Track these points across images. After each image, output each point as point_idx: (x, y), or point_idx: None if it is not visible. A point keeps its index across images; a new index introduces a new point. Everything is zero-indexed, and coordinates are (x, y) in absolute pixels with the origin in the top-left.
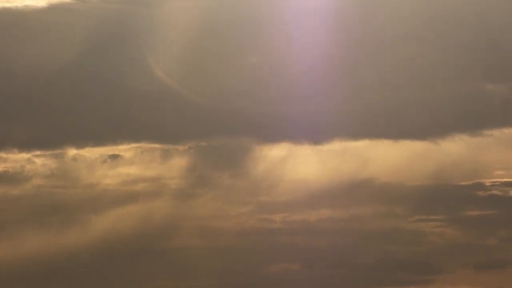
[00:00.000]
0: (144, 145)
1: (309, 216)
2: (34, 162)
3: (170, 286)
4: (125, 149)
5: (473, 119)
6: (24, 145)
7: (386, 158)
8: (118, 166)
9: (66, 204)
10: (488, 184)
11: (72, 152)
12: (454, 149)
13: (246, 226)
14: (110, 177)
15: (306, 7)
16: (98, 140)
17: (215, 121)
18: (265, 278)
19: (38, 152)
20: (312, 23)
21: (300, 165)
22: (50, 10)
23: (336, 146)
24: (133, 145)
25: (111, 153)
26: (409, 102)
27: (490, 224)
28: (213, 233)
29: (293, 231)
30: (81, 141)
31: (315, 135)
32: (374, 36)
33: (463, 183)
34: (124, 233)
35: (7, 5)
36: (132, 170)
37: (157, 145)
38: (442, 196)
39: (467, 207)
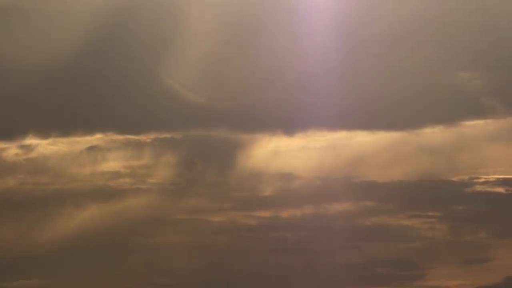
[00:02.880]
0: (112, 136)
1: (294, 213)
2: (7, 153)
3: (149, 282)
4: (93, 140)
5: (452, 110)
6: None
7: (368, 152)
8: (93, 159)
9: (43, 198)
10: (473, 180)
11: (37, 143)
12: (436, 142)
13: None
14: (84, 170)
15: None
16: (63, 131)
17: (187, 113)
18: (247, 275)
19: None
20: (298, 20)
21: (278, 158)
22: None
23: (313, 137)
24: (98, 135)
25: (80, 144)
26: (387, 93)
27: (478, 220)
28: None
29: (272, 227)
30: (45, 132)
31: (292, 126)
32: (353, 33)
33: (449, 179)
34: (102, 228)
35: None
36: (109, 164)
37: (121, 137)
38: (429, 192)
39: (454, 204)
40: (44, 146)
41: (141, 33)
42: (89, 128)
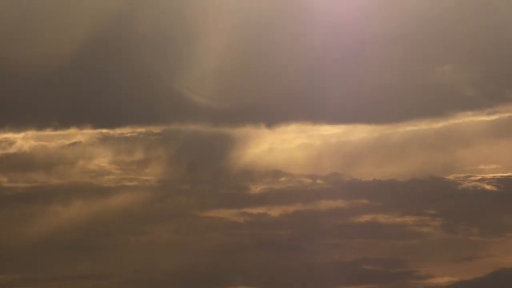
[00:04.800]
0: (88, 130)
1: (285, 210)
2: None
3: (135, 280)
4: (70, 135)
5: (449, 107)
6: None
7: (361, 149)
8: (75, 154)
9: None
10: (467, 178)
11: (14, 137)
12: (430, 140)
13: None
14: (66, 167)
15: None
16: (38, 125)
17: (165, 107)
18: (236, 272)
19: None
20: (296, 20)
21: (269, 155)
22: None
23: (305, 134)
24: (74, 130)
25: (58, 139)
26: (384, 90)
27: (470, 219)
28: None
29: (261, 225)
30: (20, 126)
31: (285, 123)
32: (351, 32)
33: (442, 177)
34: (86, 226)
35: None
36: (92, 160)
37: (92, 131)
38: (422, 190)
39: (447, 202)
40: (21, 142)
41: (133, 29)
42: (64, 122)
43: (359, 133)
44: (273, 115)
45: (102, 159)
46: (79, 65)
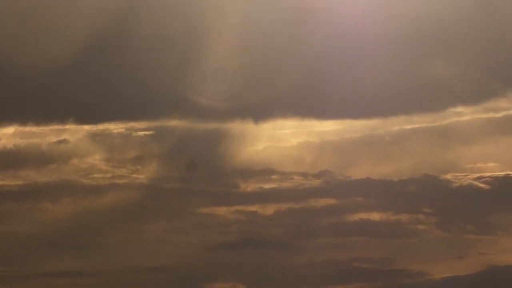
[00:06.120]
0: (72, 126)
1: (278, 208)
2: None
3: (126, 276)
4: (55, 131)
5: (446, 105)
6: None
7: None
8: (65, 150)
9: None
10: (461, 177)
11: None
12: (425, 139)
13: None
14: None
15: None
16: (22, 121)
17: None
18: (228, 270)
19: None
20: (294, 20)
21: (263, 153)
22: None
23: (299, 131)
24: (56, 126)
25: (43, 135)
26: (381, 87)
27: (465, 217)
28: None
29: (253, 223)
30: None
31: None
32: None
33: (437, 175)
34: (74, 224)
35: None
36: (79, 158)
37: (76, 126)
38: (414, 189)
39: (442, 201)
40: (6, 139)
41: (128, 28)
42: (49, 117)
43: (353, 130)
44: (265, 113)
45: (91, 156)
46: (71, 63)
